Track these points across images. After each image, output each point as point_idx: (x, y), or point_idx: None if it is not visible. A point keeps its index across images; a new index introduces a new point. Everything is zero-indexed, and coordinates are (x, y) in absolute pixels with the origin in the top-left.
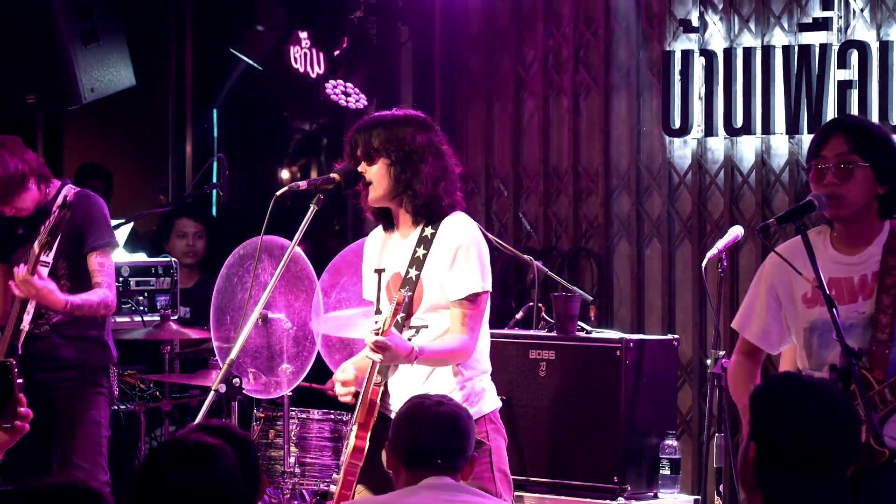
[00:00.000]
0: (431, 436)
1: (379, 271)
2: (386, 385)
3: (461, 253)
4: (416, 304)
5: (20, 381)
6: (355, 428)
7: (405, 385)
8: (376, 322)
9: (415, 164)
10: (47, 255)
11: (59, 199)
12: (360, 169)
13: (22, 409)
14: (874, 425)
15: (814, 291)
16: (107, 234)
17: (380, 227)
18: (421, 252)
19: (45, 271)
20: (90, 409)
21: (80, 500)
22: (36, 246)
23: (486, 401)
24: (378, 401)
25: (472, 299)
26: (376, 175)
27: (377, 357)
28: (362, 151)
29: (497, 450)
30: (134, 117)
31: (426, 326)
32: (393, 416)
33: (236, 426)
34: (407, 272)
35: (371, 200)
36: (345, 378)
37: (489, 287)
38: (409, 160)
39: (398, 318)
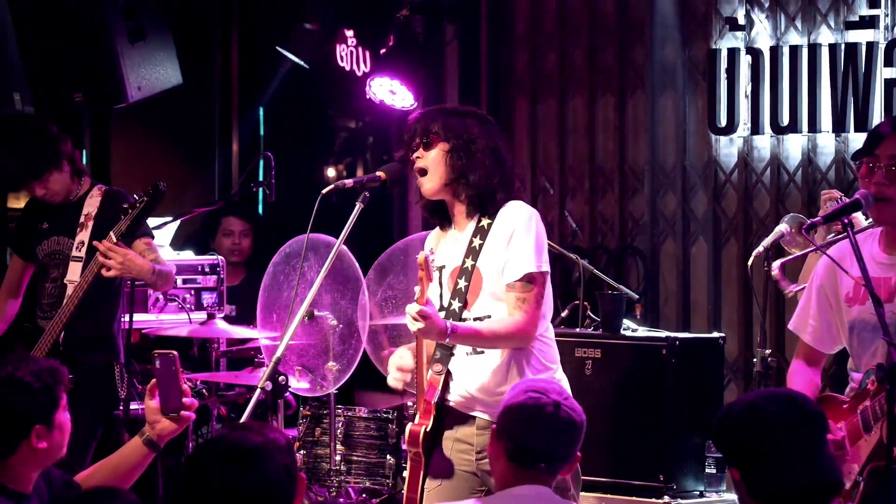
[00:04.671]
0: (541, 439)
1: (440, 268)
2: (447, 374)
3: (517, 234)
4: (474, 294)
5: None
6: (417, 416)
7: (466, 379)
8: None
9: (471, 154)
10: (80, 250)
11: (92, 195)
12: (416, 156)
13: (186, 399)
14: None
15: (855, 290)
16: (147, 226)
17: (437, 229)
18: (477, 242)
19: (78, 266)
20: (77, 405)
21: None
22: (113, 233)
23: None
24: (440, 388)
25: (527, 280)
26: (433, 161)
27: (418, 325)
28: (420, 137)
29: None
30: (180, 116)
31: (489, 316)
32: (452, 405)
33: (277, 425)
34: (463, 262)
35: (426, 192)
36: (402, 364)
37: (546, 268)
38: (467, 149)
39: (454, 305)
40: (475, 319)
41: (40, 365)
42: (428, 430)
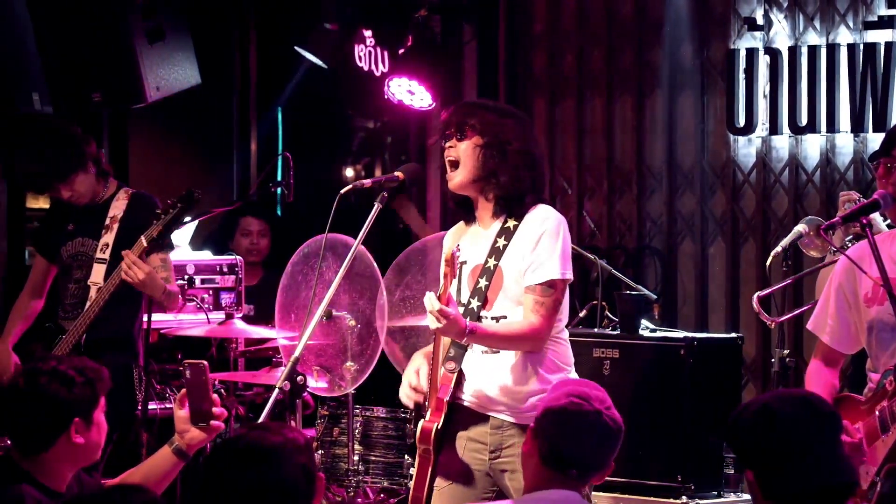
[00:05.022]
0: (578, 446)
1: (461, 263)
2: (460, 372)
3: (544, 238)
4: (494, 294)
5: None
6: (428, 413)
7: (481, 378)
8: (437, 291)
9: (505, 155)
10: (104, 252)
11: (118, 197)
12: (449, 145)
13: (216, 408)
14: None
15: (874, 290)
16: (169, 239)
17: (460, 223)
18: (501, 242)
19: (102, 267)
20: None
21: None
22: (144, 238)
23: None
24: (452, 386)
25: (549, 286)
26: (464, 153)
27: (439, 325)
28: (456, 126)
29: None
30: (199, 116)
31: (505, 317)
32: (466, 404)
33: (296, 425)
34: (486, 261)
35: (454, 185)
36: (416, 383)
37: (569, 275)
38: (501, 149)
39: (473, 304)
40: (493, 319)
41: (84, 363)
42: (439, 427)
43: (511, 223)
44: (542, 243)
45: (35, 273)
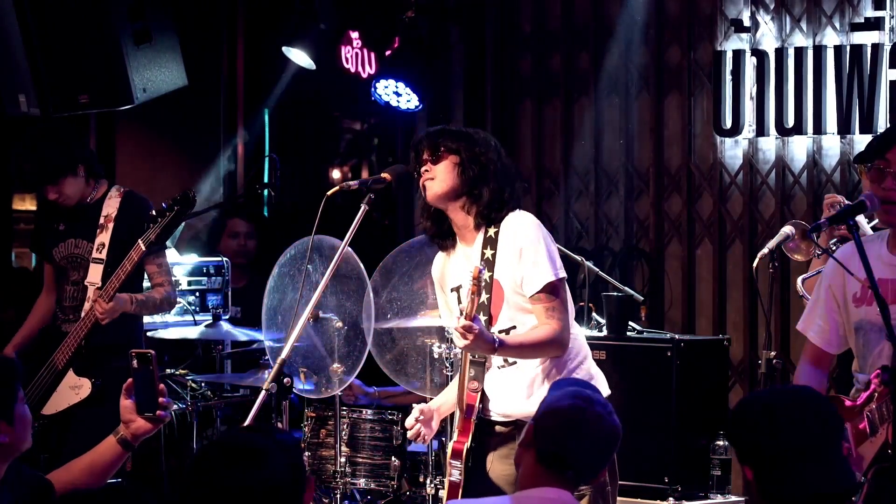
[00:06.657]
0: (577, 451)
1: (456, 289)
2: (484, 390)
3: (527, 247)
4: (497, 307)
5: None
6: (455, 434)
7: (504, 391)
8: (460, 306)
9: (483, 167)
10: (100, 252)
11: (111, 196)
12: (424, 169)
13: (162, 398)
14: None
15: (862, 291)
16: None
17: (440, 253)
18: (489, 253)
19: (99, 268)
20: (104, 408)
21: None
22: (142, 241)
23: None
24: (477, 405)
25: (549, 290)
26: (441, 171)
27: (466, 342)
28: (430, 150)
29: None
30: (186, 117)
31: (514, 327)
32: (494, 418)
33: (283, 426)
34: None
35: (432, 194)
36: (413, 417)
37: (562, 273)
38: (478, 162)
39: (483, 316)
40: (500, 332)
41: None
42: (469, 446)
43: (491, 231)
44: (526, 253)
45: (45, 273)
